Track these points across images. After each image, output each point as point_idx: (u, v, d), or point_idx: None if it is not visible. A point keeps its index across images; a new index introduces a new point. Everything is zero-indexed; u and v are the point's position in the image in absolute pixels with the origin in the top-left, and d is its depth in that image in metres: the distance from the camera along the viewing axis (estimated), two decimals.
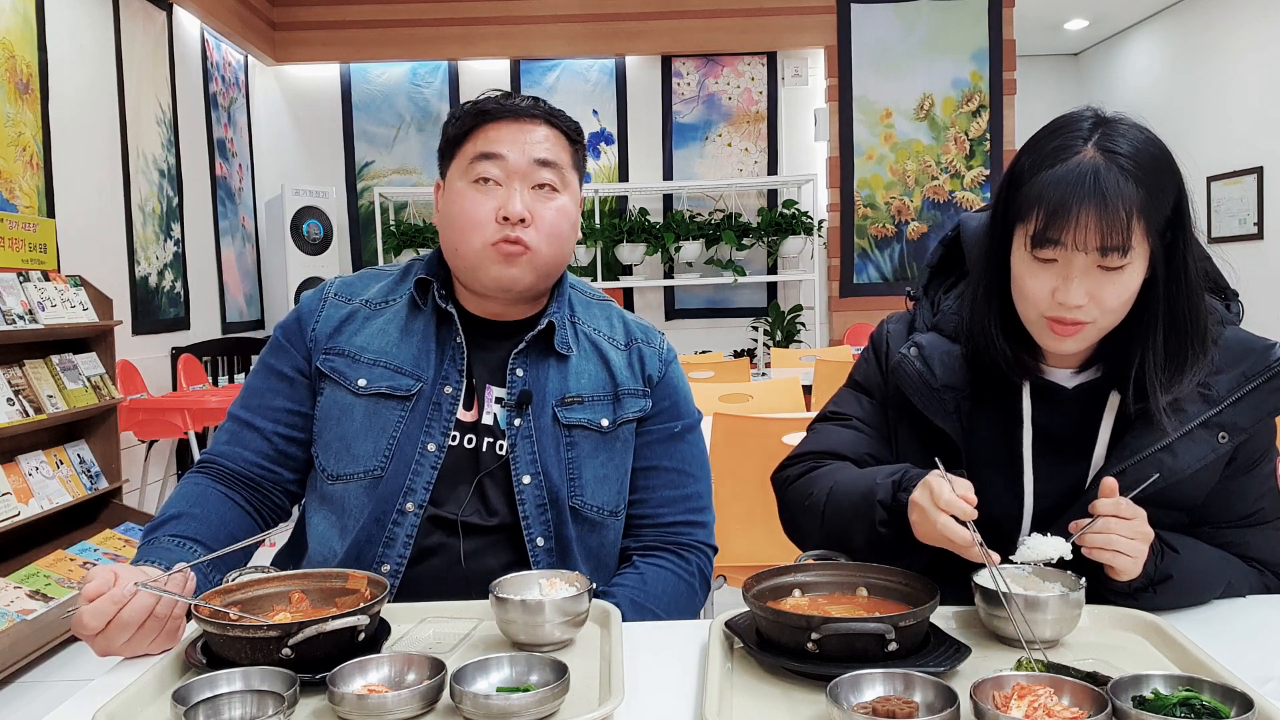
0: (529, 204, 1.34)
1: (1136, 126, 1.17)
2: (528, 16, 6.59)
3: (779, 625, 1.01)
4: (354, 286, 1.46)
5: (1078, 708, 0.85)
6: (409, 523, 1.32)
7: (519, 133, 1.36)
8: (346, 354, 1.39)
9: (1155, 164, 1.14)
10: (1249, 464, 1.26)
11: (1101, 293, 1.14)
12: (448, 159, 1.41)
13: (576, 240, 1.45)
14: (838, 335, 6.67)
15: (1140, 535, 1.11)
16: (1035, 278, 1.16)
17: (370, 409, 1.35)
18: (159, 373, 5.13)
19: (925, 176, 6.72)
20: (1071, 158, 1.13)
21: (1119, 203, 1.10)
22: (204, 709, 0.89)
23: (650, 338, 1.49)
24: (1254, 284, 6.62)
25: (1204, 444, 1.20)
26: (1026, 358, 1.25)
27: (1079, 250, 1.12)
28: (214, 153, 5.98)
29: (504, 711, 0.88)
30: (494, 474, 1.36)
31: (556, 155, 1.37)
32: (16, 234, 3.60)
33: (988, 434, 1.28)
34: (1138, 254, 1.13)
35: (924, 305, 1.38)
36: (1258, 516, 1.27)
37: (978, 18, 6.66)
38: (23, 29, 4.07)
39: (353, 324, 1.41)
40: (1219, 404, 1.21)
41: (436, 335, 1.39)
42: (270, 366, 1.43)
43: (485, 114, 1.37)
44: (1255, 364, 1.22)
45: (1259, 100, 6.88)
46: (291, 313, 1.46)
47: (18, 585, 3.21)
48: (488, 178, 1.34)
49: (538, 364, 1.39)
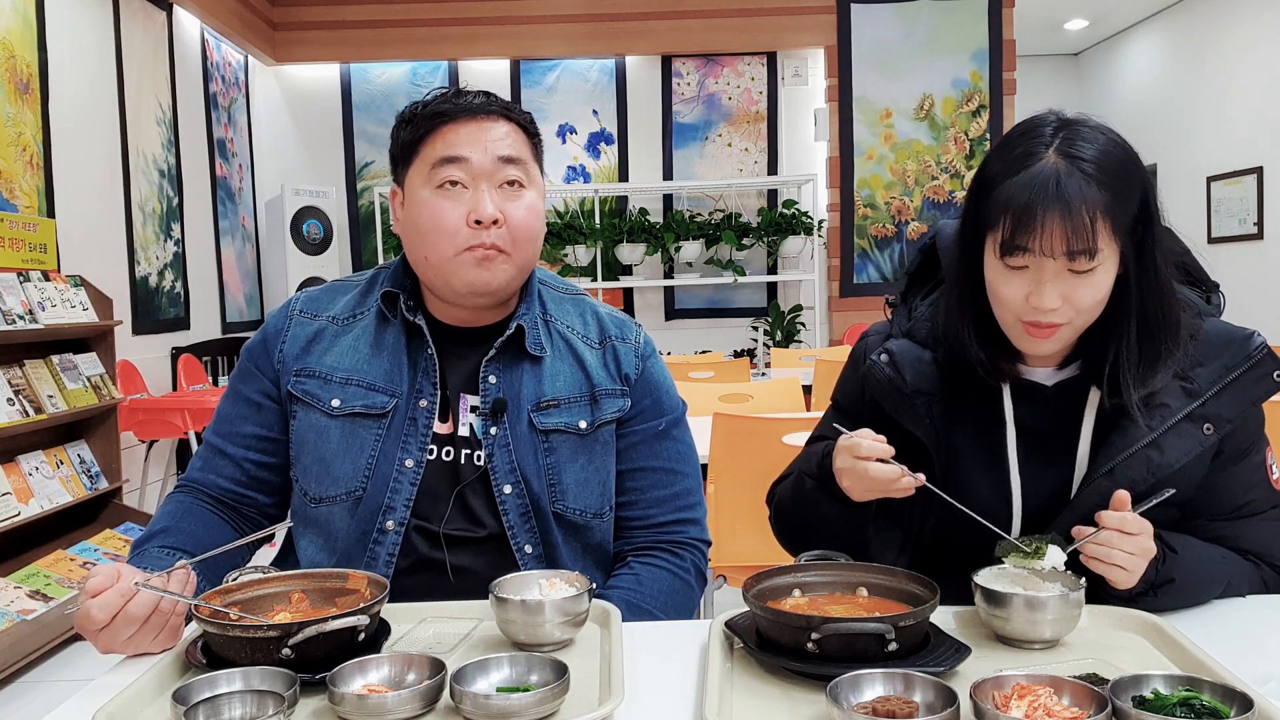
0: (499, 204, 1.30)
1: (1099, 128, 1.18)
2: (528, 16, 6.58)
3: (779, 625, 1.01)
4: (319, 302, 1.43)
5: (1078, 708, 0.85)
6: (390, 541, 1.31)
7: (479, 132, 1.32)
8: (317, 375, 1.36)
9: (1119, 165, 1.15)
10: (1237, 455, 1.26)
11: (1075, 295, 1.15)
12: (404, 165, 1.36)
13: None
14: (838, 335, 6.67)
15: (1141, 551, 1.12)
16: (1008, 284, 1.18)
17: (346, 429, 1.34)
18: (159, 373, 5.13)
19: (925, 176, 6.72)
20: (1034, 164, 1.14)
21: (1082, 208, 1.11)
22: (204, 709, 0.89)
23: (625, 333, 1.45)
24: (1254, 284, 6.62)
25: (1190, 437, 1.21)
26: (1003, 362, 1.26)
27: (1047, 256, 1.13)
28: (214, 153, 5.98)
29: (504, 711, 0.88)
30: (474, 485, 1.34)
31: (519, 151, 1.34)
32: (16, 234, 3.60)
33: (970, 437, 1.29)
34: (1107, 255, 1.14)
35: (900, 312, 1.40)
36: (1249, 508, 1.28)
37: (978, 18, 6.66)
38: (23, 29, 4.07)
39: (321, 342, 1.39)
40: (1202, 396, 1.22)
41: (407, 348, 1.37)
42: (238, 392, 1.41)
43: (441, 115, 1.32)
44: (1236, 354, 1.23)
45: (1259, 100, 6.88)
46: (257, 334, 1.43)
47: (18, 585, 3.21)
48: (454, 181, 1.30)
49: (510, 369, 1.37)
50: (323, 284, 1.47)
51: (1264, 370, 1.22)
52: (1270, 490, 1.29)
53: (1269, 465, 1.29)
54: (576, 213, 6.77)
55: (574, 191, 6.72)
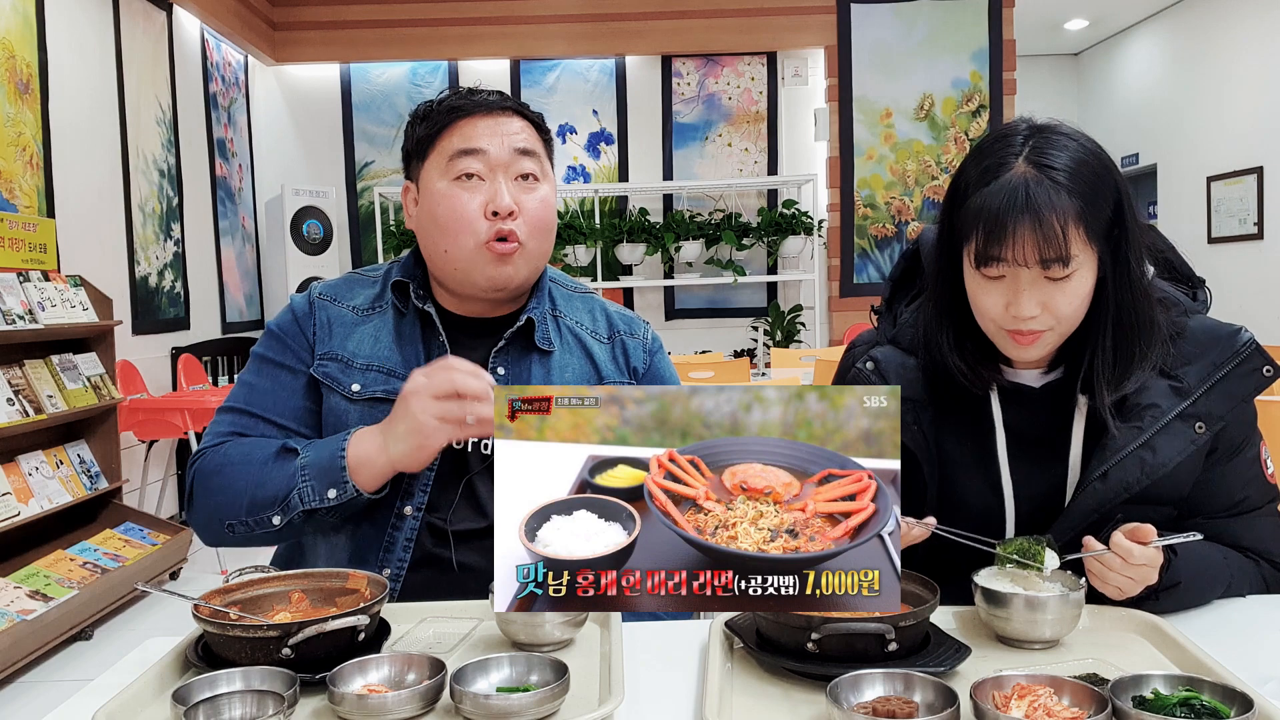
0: (515, 195, 1.33)
1: (1071, 134, 1.17)
2: (528, 16, 6.58)
3: (779, 625, 1.01)
4: (338, 290, 1.45)
5: (1078, 708, 0.85)
6: (408, 526, 1.32)
7: (495, 125, 1.35)
8: (340, 359, 1.38)
9: (1090, 172, 1.14)
10: (1230, 452, 1.26)
11: (1053, 302, 1.15)
12: (419, 159, 1.38)
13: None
14: (838, 335, 6.67)
15: (1140, 579, 1.12)
16: (987, 294, 1.18)
17: (365, 414, 1.35)
18: (159, 373, 5.13)
19: (925, 176, 6.72)
20: (1004, 174, 1.14)
21: (1052, 216, 1.11)
22: (204, 709, 0.89)
23: (634, 329, 1.49)
24: (1254, 284, 6.62)
25: (1182, 437, 1.21)
26: (984, 370, 1.25)
27: (1021, 265, 1.13)
28: (214, 153, 5.98)
29: (504, 711, 0.88)
30: (482, 475, 1.35)
31: (534, 145, 1.37)
32: (16, 234, 3.60)
33: (959, 442, 1.29)
34: (1083, 261, 1.14)
35: (885, 319, 1.40)
36: (1244, 505, 1.28)
37: (978, 18, 6.66)
38: (23, 29, 4.07)
39: (343, 328, 1.40)
40: (1192, 395, 1.21)
41: (423, 338, 1.39)
42: (279, 365, 1.39)
43: (457, 110, 1.35)
44: (1223, 350, 1.23)
45: (1258, 100, 6.88)
46: (283, 312, 1.44)
47: (18, 585, 3.21)
48: (470, 173, 1.33)
49: (519, 361, 1.39)
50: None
51: (1252, 365, 1.22)
52: (1265, 485, 1.29)
53: (1263, 460, 1.29)
54: (576, 213, 6.77)
55: (574, 191, 6.72)
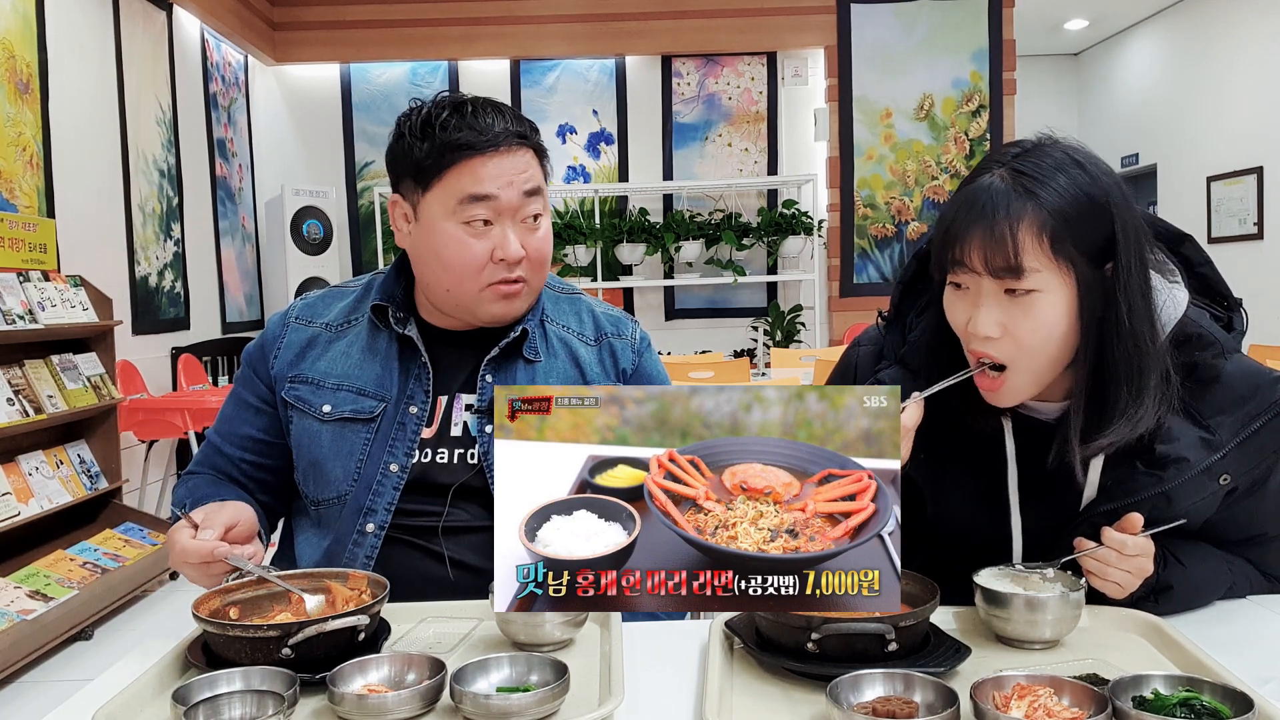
0: (522, 239, 1.32)
1: (1069, 150, 1.11)
2: (528, 16, 6.58)
3: (779, 625, 1.01)
4: (315, 309, 1.45)
5: (1078, 708, 0.85)
6: (368, 544, 1.33)
7: (504, 165, 1.29)
8: (310, 381, 1.39)
9: (1078, 190, 1.07)
10: (1251, 489, 1.18)
11: (1015, 324, 1.09)
12: (419, 185, 1.31)
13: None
14: (838, 335, 6.67)
15: (1138, 571, 1.11)
16: (952, 307, 1.15)
17: (336, 434, 1.36)
18: (159, 373, 5.13)
19: (925, 176, 6.72)
20: (979, 178, 1.11)
21: (1004, 221, 1.06)
22: (204, 709, 0.89)
23: (621, 329, 1.48)
24: (1254, 284, 6.62)
25: (1204, 488, 1.14)
26: (978, 418, 1.20)
27: (975, 272, 1.09)
28: (214, 153, 5.98)
29: (504, 711, 0.88)
30: (469, 484, 1.35)
31: (539, 179, 1.35)
32: (16, 234, 3.60)
33: (968, 472, 1.24)
34: (1048, 280, 1.07)
35: (894, 332, 1.33)
36: (1261, 538, 1.24)
37: (978, 18, 6.66)
38: (23, 29, 4.07)
39: (315, 349, 1.41)
40: (1223, 449, 1.13)
41: (400, 355, 1.38)
42: (238, 395, 1.46)
43: (466, 148, 1.27)
44: (1261, 402, 1.14)
45: (1258, 100, 6.88)
46: (255, 340, 1.47)
47: (18, 585, 3.21)
48: (484, 220, 1.30)
49: (506, 369, 1.39)
50: (324, 287, 1.48)
51: None
52: None
53: None
54: (576, 213, 6.77)
55: (574, 191, 6.72)
